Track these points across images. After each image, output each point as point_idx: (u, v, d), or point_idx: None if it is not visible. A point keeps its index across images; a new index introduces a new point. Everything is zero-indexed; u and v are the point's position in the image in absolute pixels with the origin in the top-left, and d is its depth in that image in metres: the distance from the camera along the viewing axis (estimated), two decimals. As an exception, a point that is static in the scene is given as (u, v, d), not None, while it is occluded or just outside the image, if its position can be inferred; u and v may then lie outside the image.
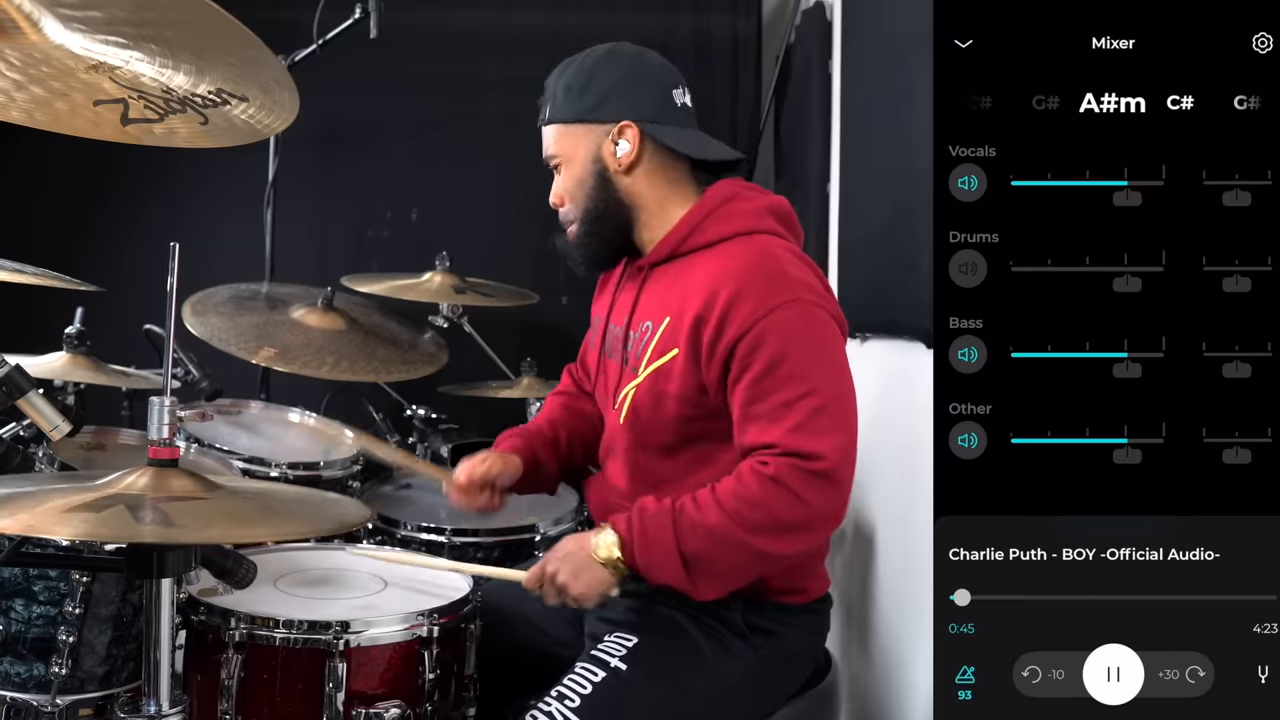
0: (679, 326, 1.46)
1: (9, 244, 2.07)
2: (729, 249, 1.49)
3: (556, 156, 1.58)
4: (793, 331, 1.39)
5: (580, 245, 1.59)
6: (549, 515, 2.13)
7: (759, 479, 1.34)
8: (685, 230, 1.53)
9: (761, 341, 1.38)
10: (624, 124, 1.52)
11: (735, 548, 1.35)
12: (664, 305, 1.51)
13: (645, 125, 1.53)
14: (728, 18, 3.07)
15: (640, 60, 1.58)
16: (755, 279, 1.42)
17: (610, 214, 1.56)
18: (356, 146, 3.15)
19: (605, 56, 1.56)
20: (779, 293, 1.40)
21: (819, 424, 1.35)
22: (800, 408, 1.35)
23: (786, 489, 1.33)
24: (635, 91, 1.54)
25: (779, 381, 1.37)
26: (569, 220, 1.60)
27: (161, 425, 1.20)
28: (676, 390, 1.47)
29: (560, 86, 1.56)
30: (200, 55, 1.15)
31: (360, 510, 1.36)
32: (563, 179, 1.58)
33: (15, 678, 1.53)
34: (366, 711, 1.40)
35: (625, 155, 1.53)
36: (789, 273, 1.44)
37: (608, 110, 1.53)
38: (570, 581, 1.40)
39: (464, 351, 2.66)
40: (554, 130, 1.57)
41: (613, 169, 1.54)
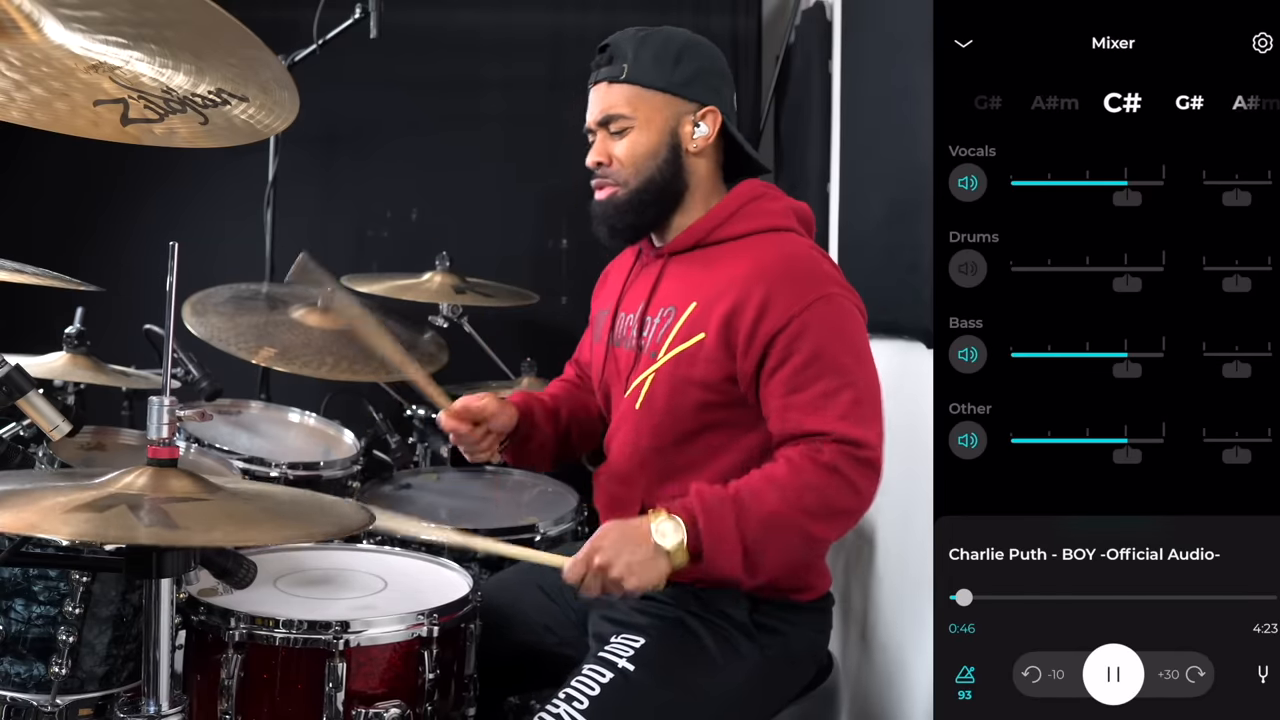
0: (708, 314, 1.48)
1: (9, 244, 2.07)
2: (758, 243, 1.52)
3: (626, 118, 1.54)
4: (831, 325, 1.43)
5: (621, 211, 1.56)
6: (549, 515, 2.12)
7: (815, 465, 1.37)
8: (713, 222, 1.55)
9: (803, 333, 1.41)
10: (710, 108, 1.55)
11: (791, 532, 1.37)
12: (689, 292, 1.52)
13: (728, 120, 1.57)
14: (728, 18, 3.08)
15: (720, 55, 1.62)
16: (792, 273, 1.46)
17: (668, 188, 1.56)
18: (356, 146, 3.16)
19: (692, 40, 1.59)
20: (816, 287, 1.44)
21: (861, 414, 1.39)
22: (842, 398, 1.39)
23: (841, 475, 1.36)
24: (718, 82, 1.58)
25: (821, 371, 1.40)
26: (618, 181, 1.56)
27: (161, 425, 1.20)
28: (700, 376, 1.48)
29: (646, 51, 1.54)
30: (200, 55, 1.15)
31: (358, 514, 1.36)
32: (626, 141, 1.55)
33: (15, 678, 1.53)
34: (366, 711, 1.40)
35: (703, 138, 1.55)
36: (823, 268, 1.49)
37: (695, 90, 1.55)
38: (626, 574, 1.34)
39: (464, 351, 2.67)
40: (630, 91, 1.54)
41: (686, 148, 1.56)
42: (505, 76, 3.13)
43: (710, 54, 1.60)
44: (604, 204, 1.58)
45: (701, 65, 1.57)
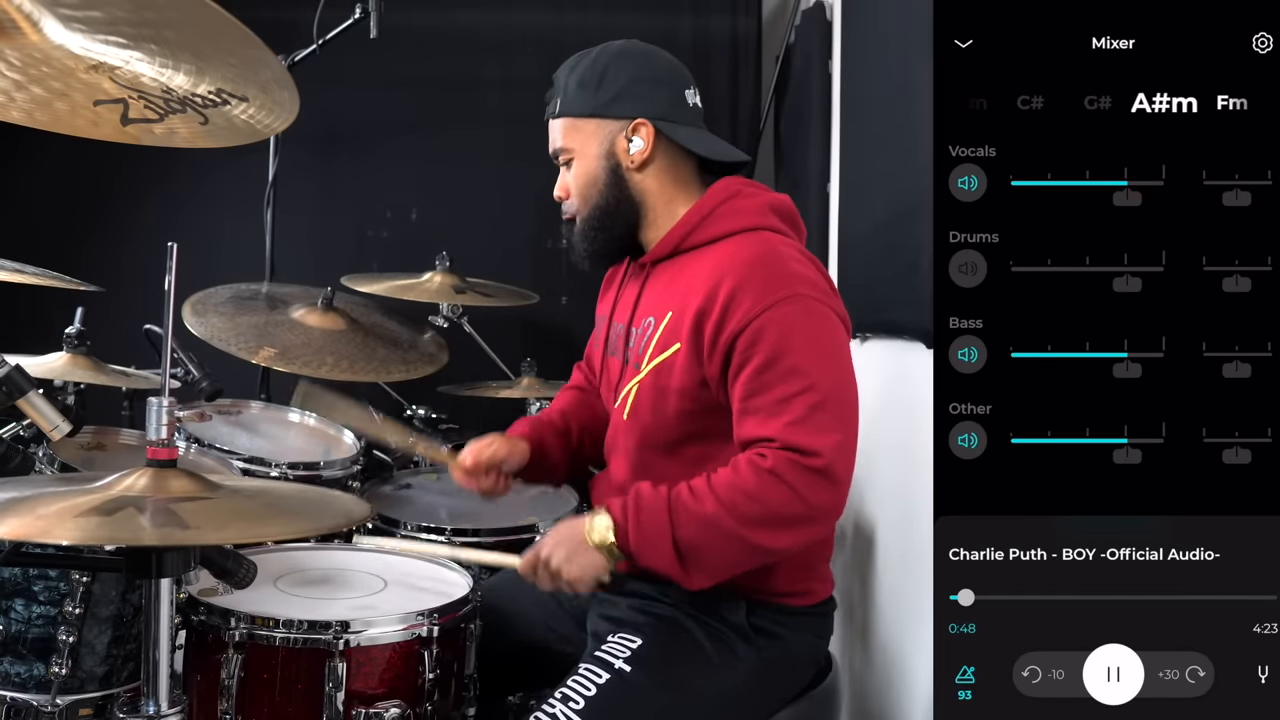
0: (681, 321, 1.47)
1: (9, 244, 2.08)
2: (731, 245, 1.49)
3: (566, 150, 1.57)
4: (793, 326, 1.39)
5: (585, 240, 1.59)
6: (549, 515, 2.13)
7: (755, 471, 1.34)
8: (687, 227, 1.53)
9: (761, 335, 1.38)
10: (639, 121, 1.53)
11: (730, 539, 1.35)
12: (666, 301, 1.52)
13: (659, 123, 1.53)
14: (728, 18, 3.07)
15: (654, 58, 1.58)
16: (757, 273, 1.42)
17: (619, 210, 1.56)
18: (356, 146, 3.16)
19: (619, 53, 1.56)
20: (780, 288, 1.40)
21: (817, 420, 1.34)
22: (799, 403, 1.35)
23: (783, 483, 1.32)
24: (649, 90, 1.55)
25: (778, 376, 1.36)
26: (573, 214, 1.59)
27: (160, 425, 1.20)
28: (678, 385, 1.47)
29: (573, 80, 1.55)
30: (200, 55, 1.15)
31: (360, 507, 1.36)
32: (572, 173, 1.57)
33: (15, 678, 1.53)
34: (366, 711, 1.40)
35: (639, 152, 1.53)
36: (791, 268, 1.44)
37: (622, 106, 1.53)
38: (564, 565, 1.39)
39: (464, 351, 2.67)
40: (564, 124, 1.57)
41: (625, 165, 1.54)
42: (505, 76, 3.13)
43: (641, 60, 1.56)
44: (573, 236, 1.61)
45: (629, 76, 1.54)
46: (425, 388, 2.59)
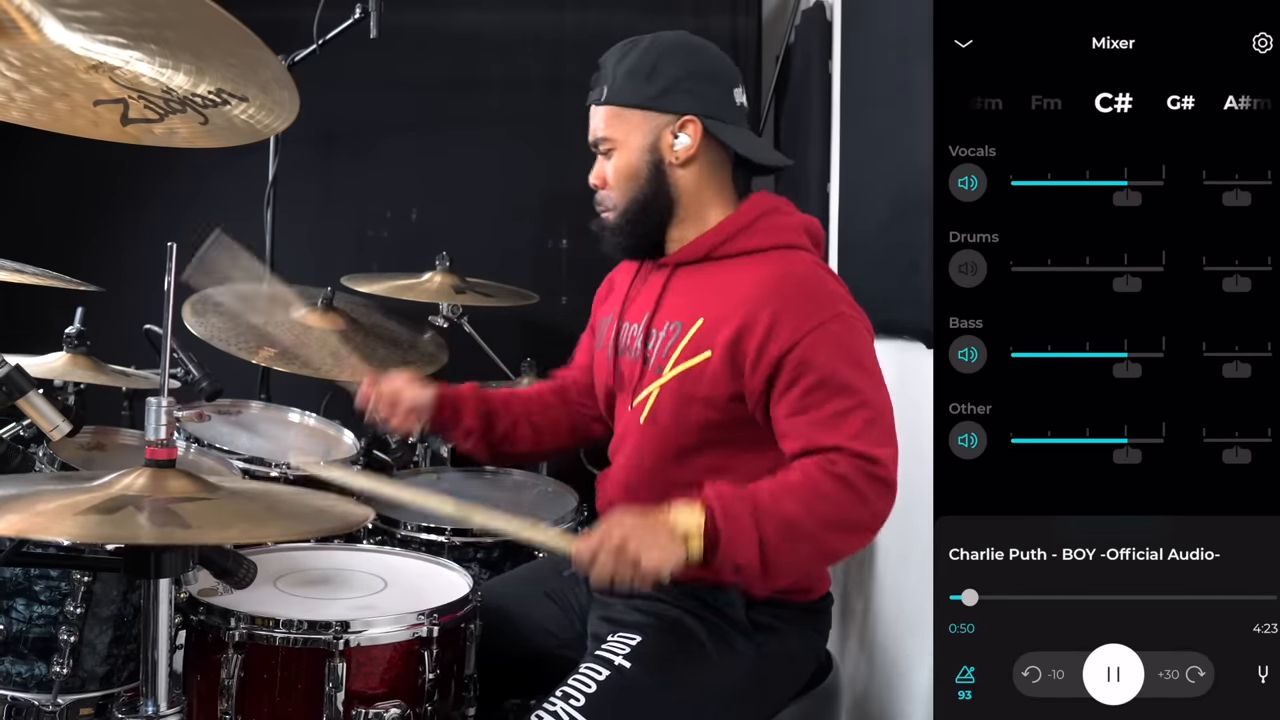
0: (714, 331, 1.46)
1: (9, 244, 2.08)
2: (768, 261, 1.50)
3: (609, 140, 1.54)
4: (842, 345, 1.41)
5: (619, 233, 1.57)
6: (549, 515, 2.12)
7: (829, 476, 1.33)
8: (723, 235, 1.53)
9: (812, 355, 1.39)
10: (688, 117, 1.51)
11: (807, 540, 1.34)
12: (695, 307, 1.50)
13: (707, 121, 1.52)
14: (728, 18, 3.08)
15: (706, 53, 1.56)
16: (802, 292, 1.44)
17: (655, 205, 1.54)
18: (356, 146, 3.16)
19: (672, 45, 1.54)
20: (826, 307, 1.43)
21: (875, 434, 1.37)
22: (855, 418, 1.36)
23: (854, 489, 1.33)
24: (701, 85, 1.53)
25: (832, 392, 1.38)
26: (608, 205, 1.57)
27: (159, 425, 1.20)
28: (705, 394, 1.46)
29: (622, 69, 1.52)
30: (200, 55, 1.15)
31: (360, 507, 1.36)
32: (612, 163, 1.55)
33: (16, 677, 1.53)
34: (366, 711, 1.40)
35: (685, 149, 1.52)
36: (831, 288, 1.47)
37: (672, 100, 1.51)
38: (644, 553, 1.28)
39: (464, 351, 2.67)
40: (608, 112, 1.54)
41: (668, 161, 1.53)
42: (505, 76, 3.14)
43: (695, 55, 1.55)
44: (604, 226, 1.59)
45: (681, 70, 1.52)
46: (425, 388, 2.59)
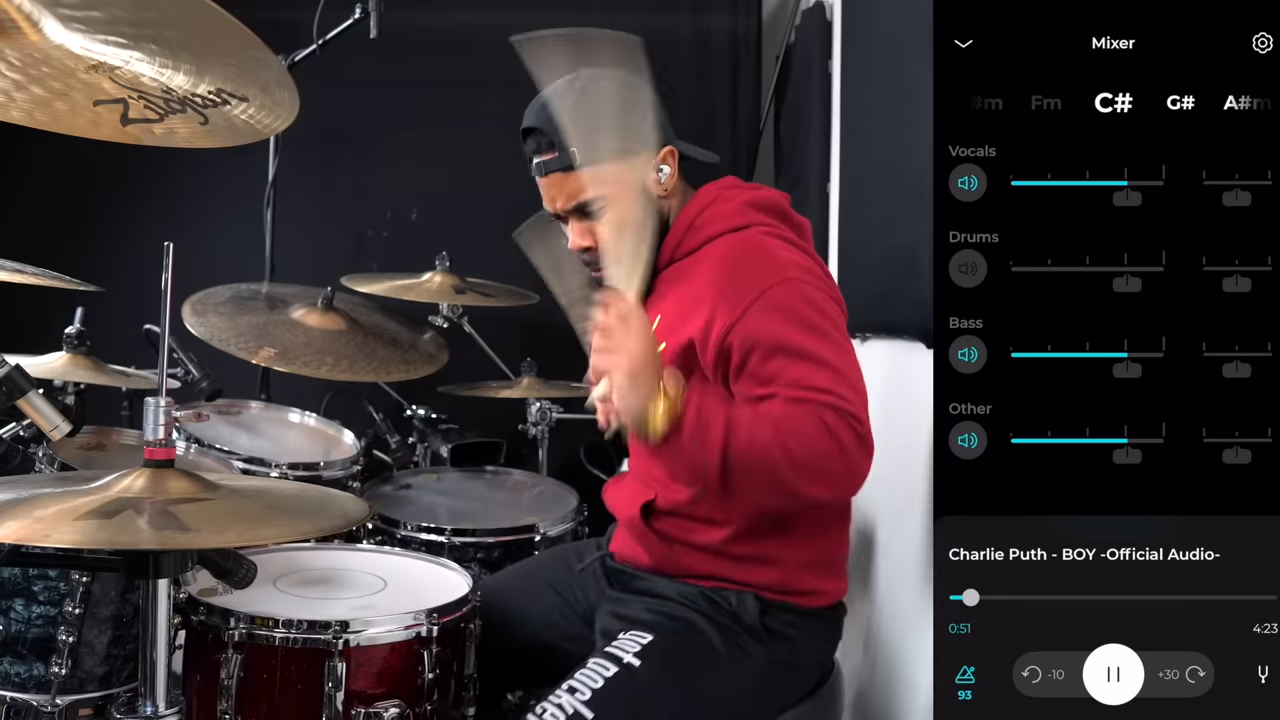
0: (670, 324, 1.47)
1: (9, 244, 2.07)
2: (715, 249, 1.49)
3: (600, 198, 1.48)
4: (787, 310, 1.34)
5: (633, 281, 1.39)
6: (549, 515, 2.13)
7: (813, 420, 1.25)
8: (674, 240, 1.54)
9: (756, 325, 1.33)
10: (666, 149, 1.50)
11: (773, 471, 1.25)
12: (655, 307, 1.53)
13: (677, 144, 1.51)
14: (728, 18, 3.07)
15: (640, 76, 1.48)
16: (738, 269, 1.41)
17: (657, 240, 1.51)
18: (356, 147, 3.16)
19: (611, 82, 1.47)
20: (768, 275, 1.38)
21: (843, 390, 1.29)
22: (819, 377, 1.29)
23: (835, 439, 1.25)
24: (655, 112, 1.49)
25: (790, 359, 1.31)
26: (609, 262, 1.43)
27: (157, 426, 1.20)
28: None
29: (583, 127, 1.45)
30: (200, 55, 1.15)
31: (360, 507, 1.36)
32: (607, 219, 1.48)
33: (15, 678, 1.53)
34: (366, 711, 1.40)
35: (669, 179, 1.51)
36: (779, 255, 1.43)
37: (645, 138, 1.47)
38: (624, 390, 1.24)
39: (464, 351, 2.66)
40: (588, 174, 1.47)
41: (657, 195, 1.51)
42: (506, 76, 3.11)
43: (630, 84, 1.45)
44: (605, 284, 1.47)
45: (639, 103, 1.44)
46: (425, 388, 2.59)
